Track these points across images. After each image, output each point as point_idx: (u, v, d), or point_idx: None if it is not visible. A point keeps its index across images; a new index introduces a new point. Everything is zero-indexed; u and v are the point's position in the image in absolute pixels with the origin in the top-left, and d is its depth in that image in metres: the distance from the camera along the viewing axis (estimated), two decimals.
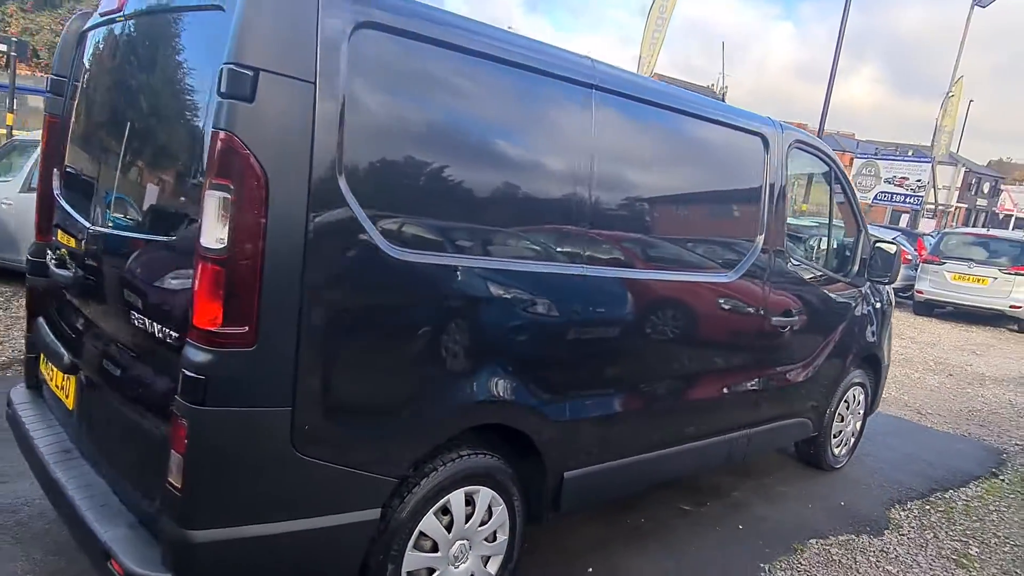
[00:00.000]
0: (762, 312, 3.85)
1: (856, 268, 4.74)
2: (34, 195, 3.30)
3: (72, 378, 2.83)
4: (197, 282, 2.00)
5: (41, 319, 3.20)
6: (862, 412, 5.34)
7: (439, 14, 2.39)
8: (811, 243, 5.09)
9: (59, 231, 3.06)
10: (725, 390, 3.78)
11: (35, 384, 3.34)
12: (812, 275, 4.35)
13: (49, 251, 3.09)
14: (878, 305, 5.12)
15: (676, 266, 3.39)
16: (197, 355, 2.00)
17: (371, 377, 2.32)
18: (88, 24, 3.04)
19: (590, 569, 3.43)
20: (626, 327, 3.14)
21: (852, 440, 5.32)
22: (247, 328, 2.02)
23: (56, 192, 3.13)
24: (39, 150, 7.13)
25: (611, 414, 3.17)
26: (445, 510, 2.65)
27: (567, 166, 2.80)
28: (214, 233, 1.97)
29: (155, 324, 2.23)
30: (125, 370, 2.44)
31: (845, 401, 5.00)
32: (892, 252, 4.73)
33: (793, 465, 5.18)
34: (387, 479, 2.42)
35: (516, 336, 2.69)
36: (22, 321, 6.51)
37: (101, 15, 2.82)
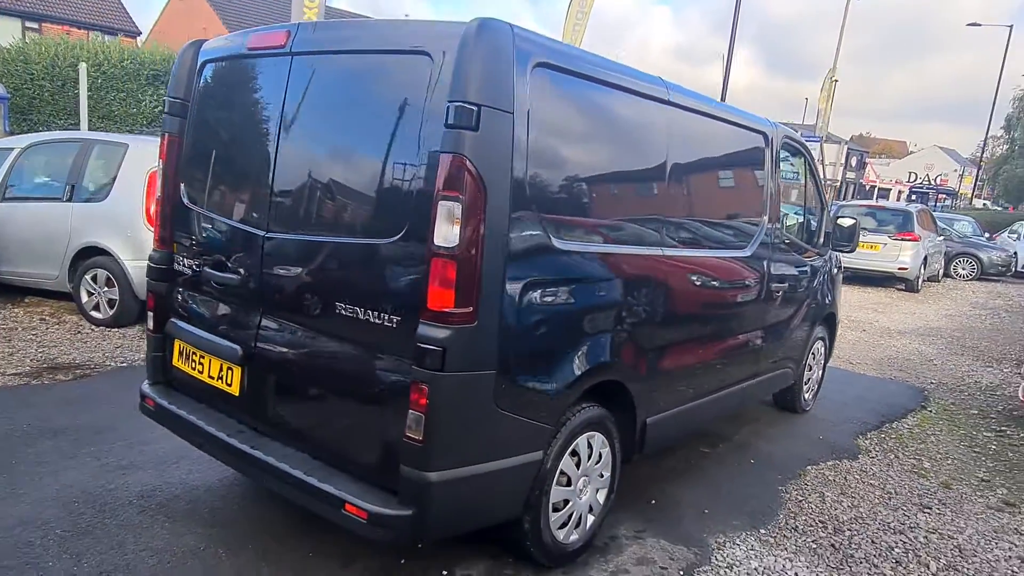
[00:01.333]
0: (766, 279, 4.66)
1: (822, 240, 5.67)
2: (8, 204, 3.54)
3: (237, 368, 3.23)
4: (431, 273, 2.52)
5: (179, 320, 3.55)
6: (823, 363, 6.32)
7: (587, 55, 3.02)
8: (790, 220, 5.98)
9: (196, 239, 3.43)
10: (747, 345, 4.58)
11: (163, 380, 3.68)
12: (795, 247, 5.21)
13: (189, 258, 3.46)
14: (835, 271, 6.11)
15: (719, 245, 4.15)
16: (436, 331, 2.52)
17: (543, 344, 2.91)
18: (219, 54, 3.41)
19: (653, 501, 4.12)
20: (690, 297, 3.86)
21: (816, 387, 6.28)
22: (471, 309, 2.56)
23: (189, 204, 3.47)
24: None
25: (679, 369, 3.89)
26: (574, 452, 3.26)
27: (657, 172, 3.50)
28: (446, 234, 2.49)
29: (371, 312, 2.72)
30: (327, 354, 2.90)
31: (812, 353, 5.94)
32: (851, 225, 5.68)
33: (773, 412, 6.07)
34: (547, 427, 3.01)
35: (630, 307, 3.35)
36: (27, 331, 6.53)
37: (251, 48, 3.20)
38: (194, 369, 3.47)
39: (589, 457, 3.37)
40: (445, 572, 3.24)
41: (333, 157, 2.98)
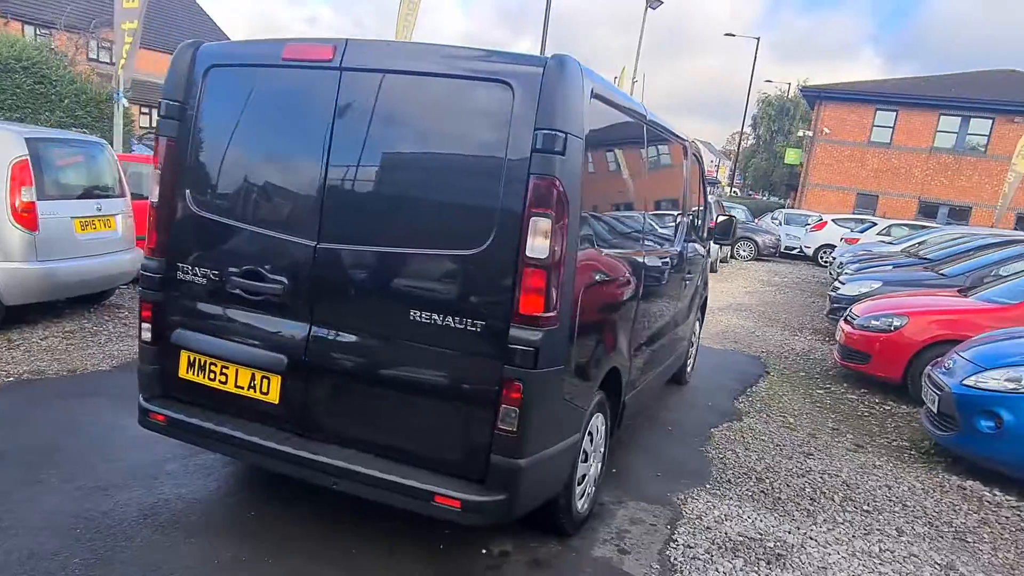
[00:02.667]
0: (685, 268, 5.41)
1: (705, 233, 6.58)
2: None
3: (276, 377, 3.27)
4: (524, 282, 2.82)
5: (189, 331, 3.45)
6: (697, 340, 7.30)
7: (615, 89, 3.46)
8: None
9: (214, 248, 3.38)
10: (678, 325, 5.30)
11: (160, 394, 3.56)
12: (694, 240, 6.03)
13: (203, 267, 3.37)
14: (708, 259, 7.08)
15: (669, 240, 4.80)
16: (528, 334, 2.84)
17: (590, 338, 3.32)
18: (235, 61, 3.38)
19: (614, 470, 4.68)
20: (662, 286, 4.49)
21: (693, 360, 7.25)
22: (555, 313, 2.90)
23: (201, 211, 3.39)
24: None
25: (645, 352, 4.48)
26: (589, 432, 3.71)
27: (644, 182, 4.07)
28: (538, 247, 2.81)
29: (452, 317, 2.95)
30: (398, 359, 3.06)
31: (694, 331, 6.86)
32: (729, 221, 6.64)
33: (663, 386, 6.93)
34: (585, 410, 3.43)
35: (635, 301, 3.89)
36: None
37: (288, 59, 3.21)
38: (213, 380, 3.42)
39: (598, 435, 3.83)
40: (484, 551, 3.55)
41: (403, 173, 3.12)
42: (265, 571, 3.19)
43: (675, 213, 5.19)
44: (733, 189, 65.88)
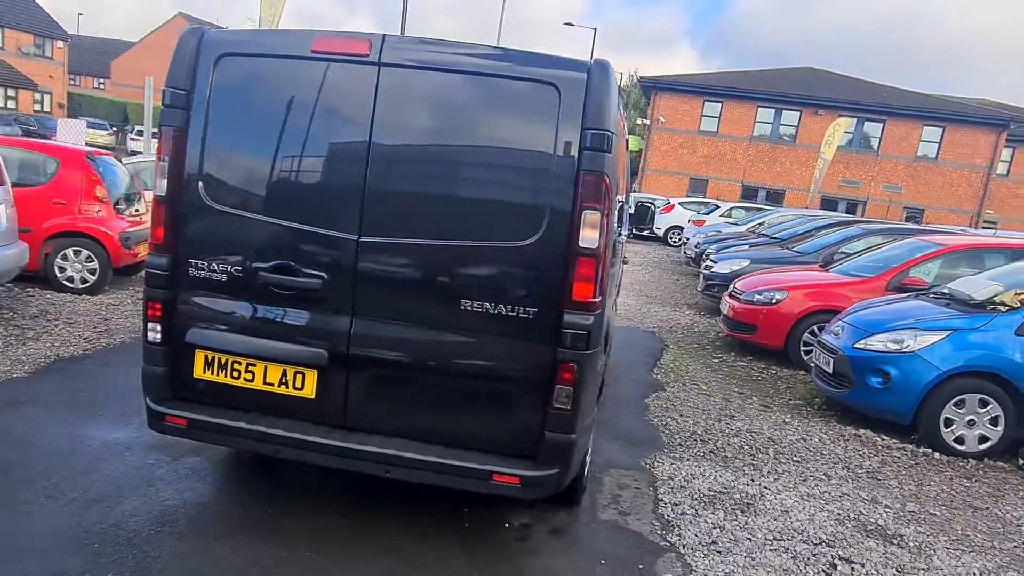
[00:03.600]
0: (621, 251, 5.83)
1: (625, 220, 7.05)
2: None
3: (311, 371, 3.27)
4: (577, 271, 3.05)
5: (207, 329, 3.34)
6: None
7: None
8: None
9: (235, 243, 3.30)
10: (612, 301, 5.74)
11: (173, 396, 3.43)
12: (617, 227, 6.47)
13: (221, 262, 3.28)
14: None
15: (622, 226, 5.19)
16: (581, 319, 3.07)
17: (606, 316, 3.60)
18: (251, 50, 3.30)
19: None
20: (614, 271, 4.85)
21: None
22: (601, 298, 3.16)
23: (217, 205, 3.28)
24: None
25: (608, 325, 4.83)
26: None
27: None
28: (589, 237, 3.04)
29: (503, 306, 3.11)
30: (448, 348, 3.18)
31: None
32: (648, 208, 7.14)
33: None
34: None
35: (615, 281, 4.20)
36: None
37: (317, 52, 3.18)
38: (237, 378, 3.34)
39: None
40: (507, 525, 3.76)
41: (449, 168, 3.21)
42: (311, 564, 3.21)
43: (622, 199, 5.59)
44: None
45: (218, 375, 3.37)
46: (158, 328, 3.39)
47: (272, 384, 3.32)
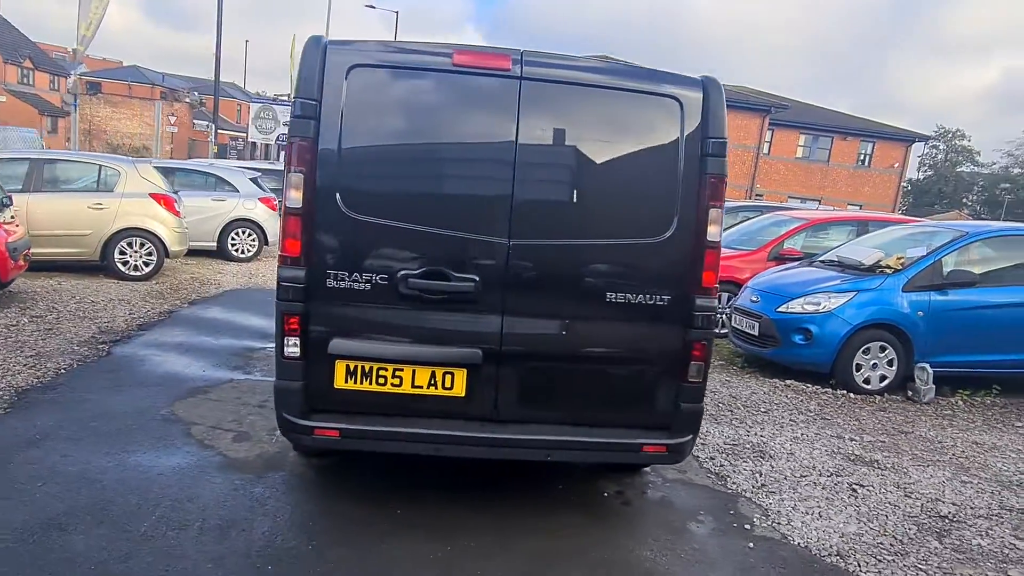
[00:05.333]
0: None
1: None
2: None
3: (461, 370, 3.44)
4: (706, 261, 3.50)
5: (351, 340, 3.37)
6: None
7: None
8: None
9: (379, 252, 3.37)
10: None
11: (312, 409, 3.42)
12: None
13: (365, 270, 3.33)
14: None
15: None
16: (710, 302, 3.53)
17: None
18: (388, 62, 3.35)
19: None
20: None
21: None
22: (719, 284, 3.64)
23: (356, 215, 3.31)
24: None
25: None
26: None
27: None
28: (714, 232, 3.51)
29: (643, 295, 3.49)
30: (595, 336, 3.49)
31: None
32: None
33: None
34: None
35: None
36: None
37: (459, 65, 3.31)
38: (384, 384, 3.41)
39: None
40: (605, 494, 4.15)
41: (588, 174, 3.47)
42: (481, 552, 3.40)
43: None
44: None
45: (361, 383, 3.41)
46: (296, 342, 3.35)
47: (421, 386, 3.43)
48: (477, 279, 3.38)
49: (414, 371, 3.42)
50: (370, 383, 3.41)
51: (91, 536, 3.24)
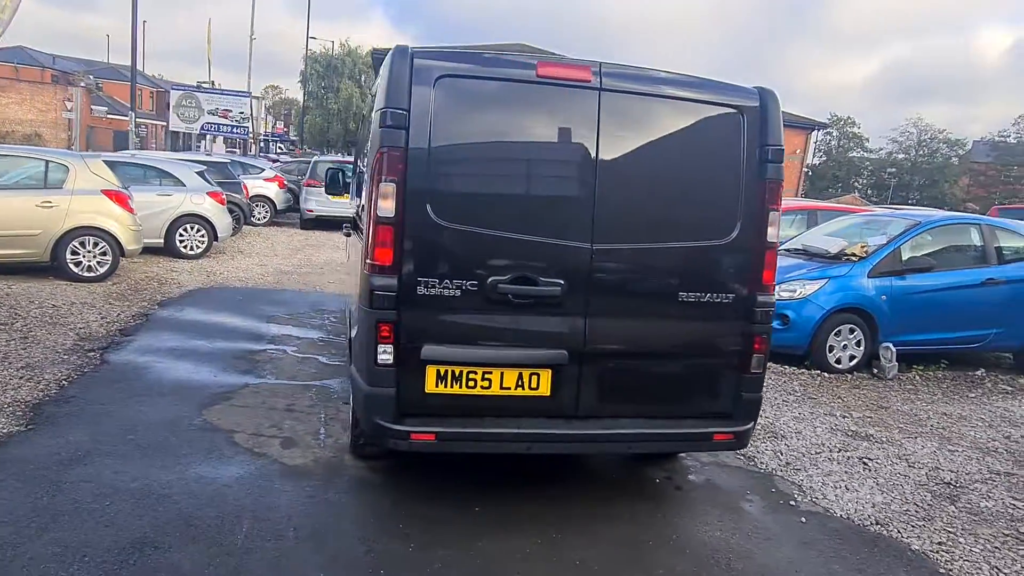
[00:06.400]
0: None
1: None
2: None
3: (546, 371, 3.58)
4: (767, 261, 3.76)
5: (442, 345, 3.44)
6: None
7: None
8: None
9: (469, 259, 3.45)
10: None
11: (403, 414, 3.48)
12: None
13: (456, 277, 3.41)
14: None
15: None
16: (768, 299, 3.79)
17: None
18: (473, 73, 3.43)
19: None
20: None
21: None
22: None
23: (445, 223, 3.38)
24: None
25: None
26: None
27: None
28: (773, 233, 3.77)
29: (711, 294, 3.71)
30: (669, 334, 3.69)
31: None
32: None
33: None
34: None
35: None
36: None
37: (543, 76, 3.41)
38: (473, 387, 3.51)
39: None
40: (657, 480, 4.38)
41: (661, 180, 3.64)
42: (570, 543, 3.56)
43: None
44: (279, 146, 65.46)
45: (452, 387, 3.49)
46: (389, 349, 3.39)
47: (508, 388, 3.54)
48: (562, 283, 3.51)
49: (502, 373, 3.53)
50: (460, 386, 3.50)
51: (189, 553, 3.19)
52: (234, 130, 27.46)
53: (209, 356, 6.21)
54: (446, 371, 3.48)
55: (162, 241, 11.64)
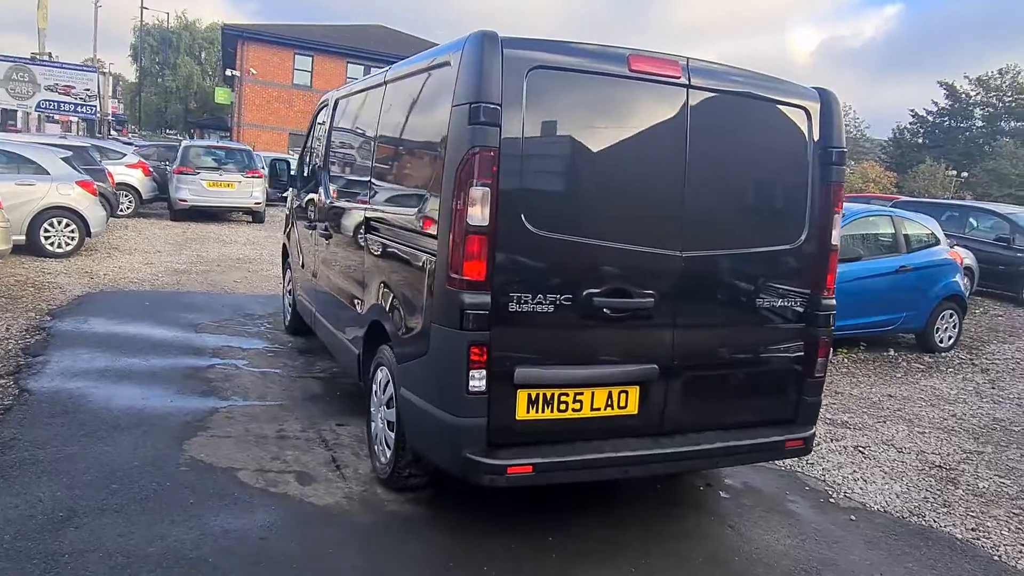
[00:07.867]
0: None
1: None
2: None
3: (634, 388, 3.35)
4: (830, 263, 3.73)
5: (533, 367, 3.13)
6: None
7: None
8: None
9: (564, 271, 3.15)
10: None
11: (493, 444, 3.13)
12: None
13: (548, 291, 3.11)
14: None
15: None
16: (831, 302, 3.77)
17: None
18: (567, 65, 3.11)
19: None
20: None
21: None
22: None
23: (542, 232, 3.06)
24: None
25: None
26: None
27: None
28: (836, 235, 3.74)
29: (783, 298, 3.63)
30: (749, 341, 3.57)
31: None
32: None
33: None
34: None
35: None
36: None
37: (635, 71, 3.15)
38: (565, 411, 3.22)
39: None
40: (702, 487, 4.28)
41: (742, 182, 3.49)
42: (616, 553, 3.37)
43: None
44: (115, 126, 59.67)
45: (543, 412, 3.18)
46: (483, 375, 3.02)
47: (599, 408, 3.28)
48: (655, 294, 3.29)
49: (593, 393, 3.25)
50: (552, 410, 3.19)
51: None
52: (78, 109, 24.29)
53: (152, 377, 5.38)
54: (537, 395, 3.15)
55: (24, 238, 10.10)
